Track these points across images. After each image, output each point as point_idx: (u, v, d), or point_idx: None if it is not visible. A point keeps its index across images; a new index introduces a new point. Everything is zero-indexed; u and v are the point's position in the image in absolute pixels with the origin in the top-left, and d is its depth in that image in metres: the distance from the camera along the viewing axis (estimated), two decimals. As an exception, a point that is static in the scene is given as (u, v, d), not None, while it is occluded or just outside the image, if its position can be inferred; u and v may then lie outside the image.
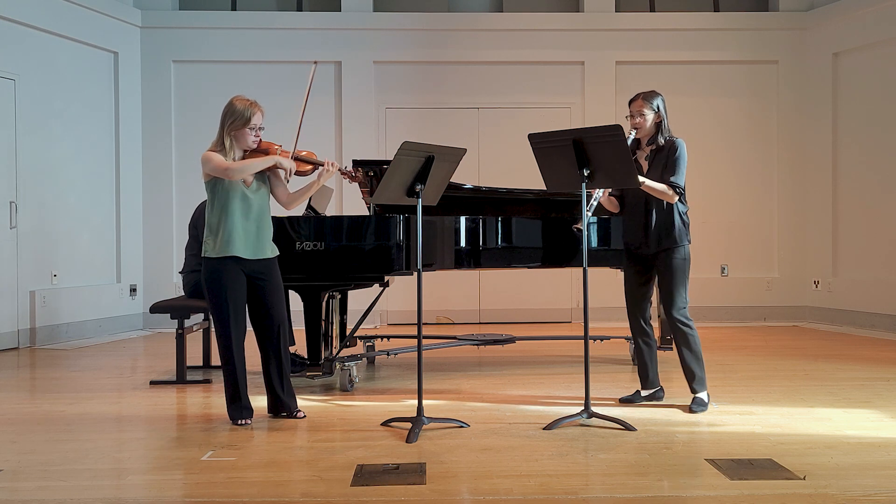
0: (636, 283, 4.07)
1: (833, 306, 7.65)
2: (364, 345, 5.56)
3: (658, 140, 3.92)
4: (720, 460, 3.00)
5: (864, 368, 5.09)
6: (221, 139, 3.61)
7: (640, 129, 3.93)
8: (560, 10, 8.29)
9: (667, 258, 3.90)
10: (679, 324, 3.90)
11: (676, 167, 3.85)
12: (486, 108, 8.02)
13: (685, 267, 3.93)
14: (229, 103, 3.62)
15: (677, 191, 3.84)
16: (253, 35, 7.82)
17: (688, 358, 3.93)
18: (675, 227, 3.89)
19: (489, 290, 7.98)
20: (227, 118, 3.60)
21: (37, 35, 6.73)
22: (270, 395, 3.81)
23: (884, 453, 3.10)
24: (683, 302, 3.91)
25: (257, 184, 3.67)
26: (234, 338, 3.62)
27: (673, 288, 3.90)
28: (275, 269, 3.75)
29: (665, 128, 3.93)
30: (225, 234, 3.57)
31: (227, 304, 3.59)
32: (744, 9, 8.26)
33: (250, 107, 3.60)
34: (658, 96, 3.94)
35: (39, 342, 6.60)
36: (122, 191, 7.57)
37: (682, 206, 3.93)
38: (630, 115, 3.96)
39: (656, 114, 3.91)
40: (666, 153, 3.89)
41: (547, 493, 2.66)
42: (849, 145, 7.58)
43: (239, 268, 3.61)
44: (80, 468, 3.01)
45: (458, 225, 4.74)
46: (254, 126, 3.60)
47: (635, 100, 3.95)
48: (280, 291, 3.77)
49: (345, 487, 2.74)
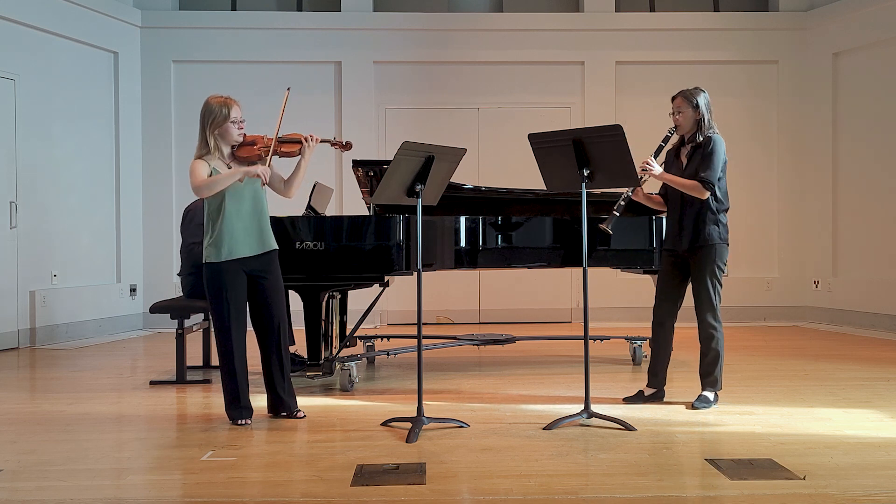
0: (670, 281, 4.07)
1: (833, 306, 7.65)
2: (364, 345, 5.56)
3: (697, 137, 3.92)
4: (720, 460, 3.00)
5: (864, 368, 5.09)
6: (205, 140, 3.62)
7: (679, 126, 3.94)
8: (560, 10, 8.29)
9: (699, 257, 3.91)
10: (707, 325, 3.91)
11: (708, 163, 3.85)
12: (486, 108, 8.02)
13: (717, 267, 3.92)
14: (205, 104, 3.64)
15: (707, 186, 3.84)
16: (253, 35, 7.82)
17: (708, 357, 3.95)
18: (707, 226, 3.89)
19: (489, 290, 7.98)
20: (207, 118, 3.61)
21: (37, 35, 6.73)
22: (271, 394, 3.81)
23: (884, 453, 3.10)
24: (713, 302, 3.91)
25: (249, 179, 3.62)
26: (235, 338, 3.62)
27: (704, 288, 3.90)
28: (275, 265, 3.75)
29: (706, 126, 3.92)
30: (225, 237, 3.58)
31: (227, 303, 3.59)
32: (744, 9, 8.26)
33: (226, 101, 3.61)
34: (701, 94, 3.94)
35: (39, 342, 6.60)
36: (122, 191, 7.57)
37: (716, 203, 3.92)
38: (671, 112, 3.97)
39: (696, 111, 3.91)
40: (702, 150, 3.90)
41: (547, 493, 2.66)
42: (849, 145, 7.57)
43: (240, 267, 3.62)
44: (80, 468, 3.01)
45: (458, 225, 4.74)
46: (234, 119, 3.61)
47: (676, 97, 3.97)
48: (280, 289, 3.77)
49: (345, 487, 2.74)
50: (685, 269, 4.03)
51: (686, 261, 4.01)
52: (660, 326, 4.08)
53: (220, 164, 3.64)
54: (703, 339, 3.95)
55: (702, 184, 3.84)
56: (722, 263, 3.94)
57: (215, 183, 3.52)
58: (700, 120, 3.92)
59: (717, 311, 3.92)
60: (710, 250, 3.90)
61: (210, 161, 3.61)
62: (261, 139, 3.71)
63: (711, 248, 3.90)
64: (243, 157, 3.68)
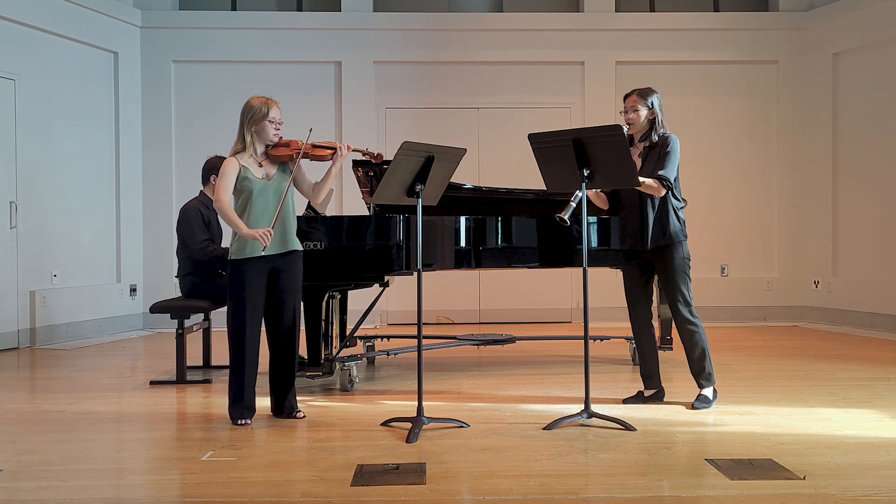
0: (636, 283, 4.07)
1: (833, 306, 7.65)
2: (364, 345, 5.56)
3: (651, 137, 3.92)
4: (720, 460, 3.00)
5: (864, 368, 5.09)
6: (242, 137, 3.68)
7: (632, 124, 3.93)
8: (560, 10, 8.29)
9: (666, 257, 3.91)
10: (685, 322, 3.91)
11: (667, 160, 3.84)
12: (486, 108, 8.02)
13: (685, 264, 3.93)
14: (246, 102, 3.70)
15: (664, 184, 3.81)
16: (253, 35, 7.82)
17: (695, 355, 3.94)
18: (671, 224, 3.88)
19: (489, 290, 7.98)
20: (246, 115, 3.67)
21: (37, 35, 6.73)
22: (274, 394, 3.81)
23: (884, 453, 3.10)
24: (688, 300, 3.91)
25: (278, 177, 3.70)
26: (249, 336, 3.63)
27: (675, 286, 3.90)
28: (297, 266, 3.78)
29: (659, 125, 3.92)
30: None
31: (245, 300, 3.61)
32: (744, 9, 8.26)
33: (267, 102, 3.68)
34: (653, 93, 3.94)
35: (39, 342, 6.60)
36: (122, 191, 7.57)
37: (675, 202, 3.92)
38: (624, 110, 3.97)
39: (650, 110, 3.91)
40: (659, 149, 3.89)
41: (547, 493, 2.66)
42: (849, 145, 7.58)
43: (262, 266, 3.65)
44: (80, 468, 3.01)
45: (458, 225, 4.74)
46: (272, 119, 3.66)
47: (630, 95, 3.96)
48: (297, 288, 3.78)
49: (345, 487, 2.74)
50: (648, 269, 4.04)
51: (648, 261, 4.00)
52: (640, 331, 4.09)
53: (253, 161, 3.68)
54: (685, 337, 3.94)
55: (660, 181, 3.80)
56: (689, 259, 3.95)
57: (225, 214, 3.59)
58: (654, 119, 3.91)
59: (692, 306, 3.93)
60: (676, 248, 3.90)
61: (242, 159, 3.65)
62: (295, 142, 3.74)
63: (678, 245, 3.90)
64: (276, 156, 3.72)
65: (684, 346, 3.96)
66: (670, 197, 3.89)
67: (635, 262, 4.05)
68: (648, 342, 4.09)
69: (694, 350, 3.94)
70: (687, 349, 3.96)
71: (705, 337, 3.95)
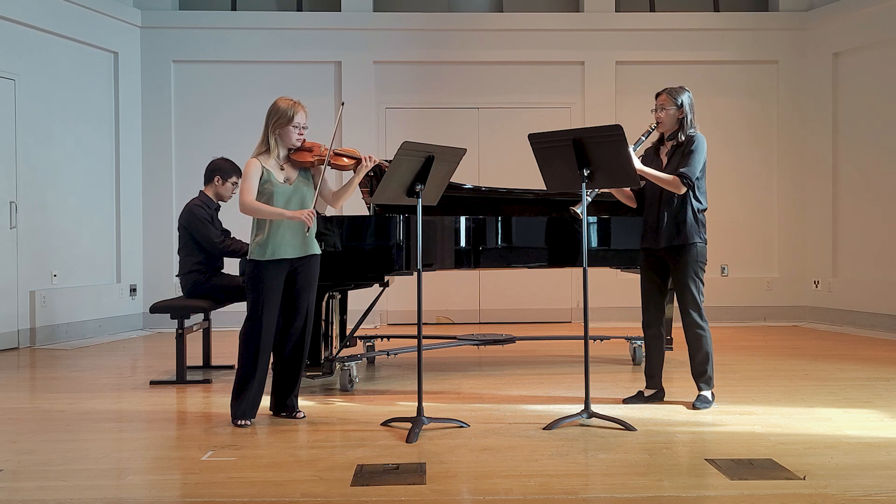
0: (651, 283, 4.07)
1: (833, 306, 7.65)
2: (364, 345, 5.56)
3: (679, 136, 3.92)
4: (720, 460, 3.00)
5: (864, 368, 5.09)
6: (266, 139, 3.67)
7: (661, 122, 3.93)
8: (560, 10, 8.29)
9: (679, 258, 3.90)
10: (693, 325, 3.91)
11: (690, 159, 3.83)
12: (486, 108, 8.02)
13: (699, 267, 3.91)
14: (273, 103, 3.67)
15: (685, 181, 3.81)
16: (253, 35, 7.82)
17: (698, 358, 3.94)
18: (687, 224, 3.87)
19: (489, 290, 7.98)
20: (272, 117, 3.65)
21: (37, 35, 6.72)
22: (277, 393, 3.81)
23: (884, 453, 3.10)
24: (698, 303, 3.90)
25: (300, 182, 3.70)
26: (263, 335, 3.62)
27: (686, 288, 3.90)
28: (314, 269, 3.78)
29: (688, 124, 3.91)
30: (270, 238, 3.61)
31: (262, 300, 3.61)
32: (744, 9, 8.26)
33: (294, 105, 3.65)
34: (685, 92, 3.93)
35: (39, 342, 6.60)
36: (122, 191, 7.57)
37: (696, 202, 3.90)
38: (654, 108, 3.96)
39: (679, 109, 3.90)
40: (684, 148, 3.89)
41: (547, 493, 2.66)
42: (849, 145, 7.57)
43: (281, 268, 3.65)
44: (80, 468, 3.01)
45: (458, 225, 4.74)
46: (297, 124, 3.64)
47: (661, 94, 3.95)
48: (312, 288, 3.78)
49: (345, 487, 2.74)
50: (663, 268, 4.03)
51: (663, 260, 4.00)
52: (649, 329, 4.09)
53: (275, 164, 3.67)
54: (691, 339, 3.94)
55: (680, 178, 3.81)
56: (703, 262, 3.93)
57: (261, 212, 3.57)
58: (683, 119, 3.91)
59: (702, 310, 3.92)
60: (690, 249, 3.89)
61: (265, 161, 3.64)
62: (318, 147, 3.73)
63: (692, 247, 3.89)
64: (298, 161, 3.71)
65: (689, 347, 3.96)
66: (691, 197, 3.88)
67: (651, 261, 4.05)
68: (656, 342, 4.09)
69: (698, 353, 3.94)
70: (691, 351, 3.96)
71: (711, 342, 3.96)
